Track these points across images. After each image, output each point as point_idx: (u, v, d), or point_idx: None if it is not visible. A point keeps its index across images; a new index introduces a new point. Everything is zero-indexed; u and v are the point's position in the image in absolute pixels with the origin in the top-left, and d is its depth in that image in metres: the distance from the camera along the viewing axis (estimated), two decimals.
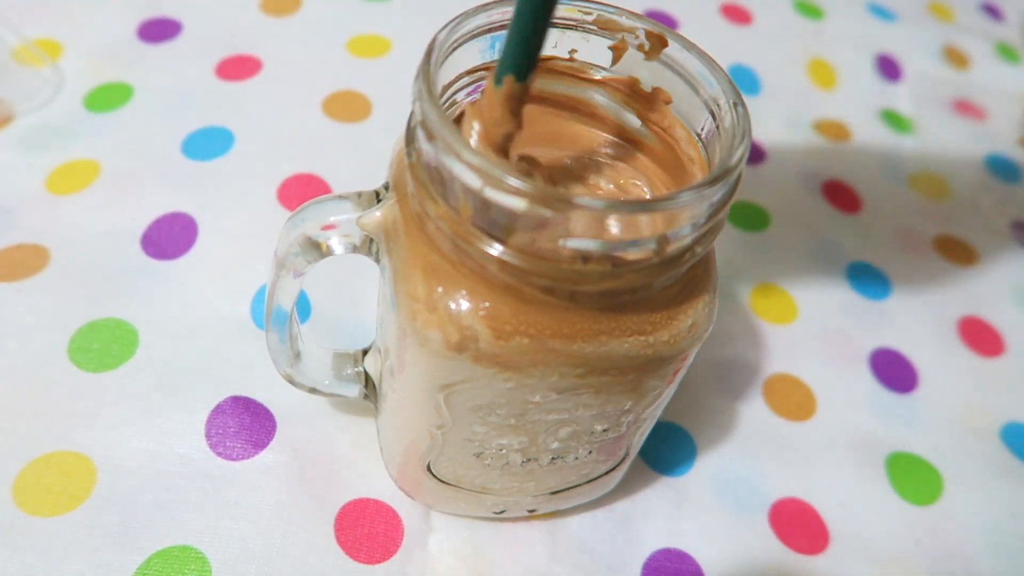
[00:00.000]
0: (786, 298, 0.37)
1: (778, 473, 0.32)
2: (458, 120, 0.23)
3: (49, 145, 0.36)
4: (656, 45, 0.22)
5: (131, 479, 0.27)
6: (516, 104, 0.20)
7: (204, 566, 0.26)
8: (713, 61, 0.21)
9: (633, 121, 0.24)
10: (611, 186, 0.23)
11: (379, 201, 0.22)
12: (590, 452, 0.25)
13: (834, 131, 0.46)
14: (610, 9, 0.22)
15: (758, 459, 0.32)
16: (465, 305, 0.20)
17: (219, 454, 0.28)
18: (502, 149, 0.20)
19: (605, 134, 0.24)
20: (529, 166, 0.22)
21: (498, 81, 0.19)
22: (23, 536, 0.26)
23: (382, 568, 0.27)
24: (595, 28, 0.23)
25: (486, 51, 0.22)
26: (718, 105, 0.21)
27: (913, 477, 0.33)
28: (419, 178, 0.20)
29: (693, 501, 0.30)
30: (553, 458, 0.25)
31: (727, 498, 0.31)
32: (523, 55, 0.19)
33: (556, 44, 0.23)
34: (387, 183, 0.22)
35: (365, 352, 0.28)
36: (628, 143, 0.24)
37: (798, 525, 0.30)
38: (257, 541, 0.26)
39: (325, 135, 0.39)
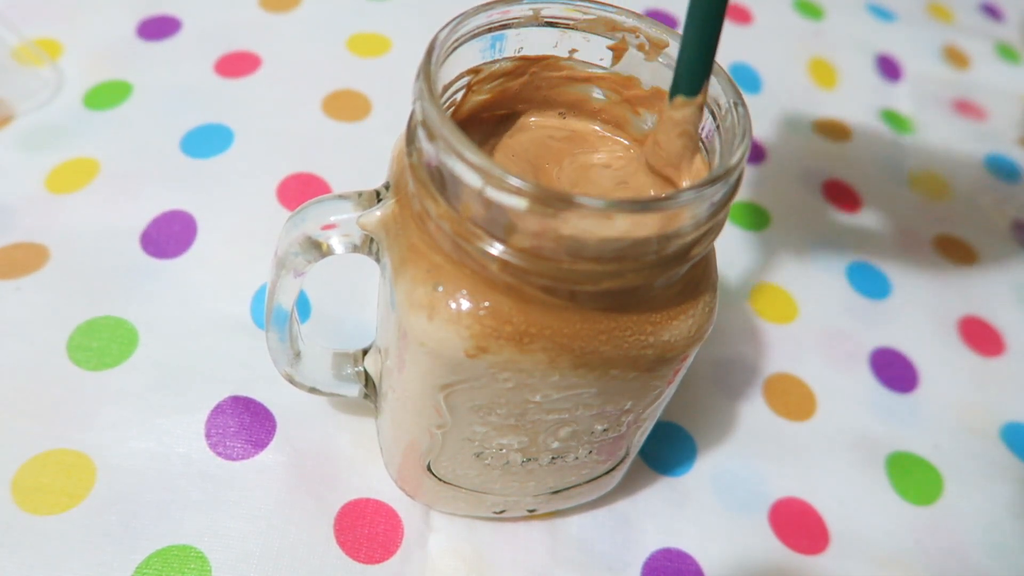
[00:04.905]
0: (786, 298, 0.37)
1: (778, 473, 0.32)
2: (459, 119, 0.23)
3: (49, 144, 0.36)
4: (656, 45, 0.22)
5: (131, 478, 0.27)
6: (690, 126, 0.21)
7: (204, 566, 0.26)
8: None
9: (633, 121, 0.24)
10: (612, 186, 0.23)
11: (379, 201, 0.22)
12: (590, 452, 0.25)
13: (834, 131, 0.46)
14: (610, 9, 0.22)
15: (758, 459, 0.32)
16: (465, 305, 0.20)
17: (219, 454, 0.28)
18: (682, 170, 0.21)
19: (605, 134, 0.24)
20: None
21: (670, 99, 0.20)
22: (22, 535, 0.26)
23: (382, 568, 0.27)
24: (595, 28, 0.23)
25: (486, 51, 0.22)
26: (718, 105, 0.21)
27: (913, 477, 0.33)
28: (420, 178, 0.20)
29: (693, 501, 0.30)
30: (553, 458, 0.25)
31: (727, 498, 0.31)
32: (694, 70, 0.20)
33: (556, 44, 0.23)
34: (387, 183, 0.22)
35: (365, 352, 0.28)
36: (629, 143, 0.24)
37: (798, 525, 0.30)
38: (257, 541, 0.26)
39: (325, 134, 0.39)
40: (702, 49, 0.19)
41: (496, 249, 0.18)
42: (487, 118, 0.24)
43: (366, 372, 0.28)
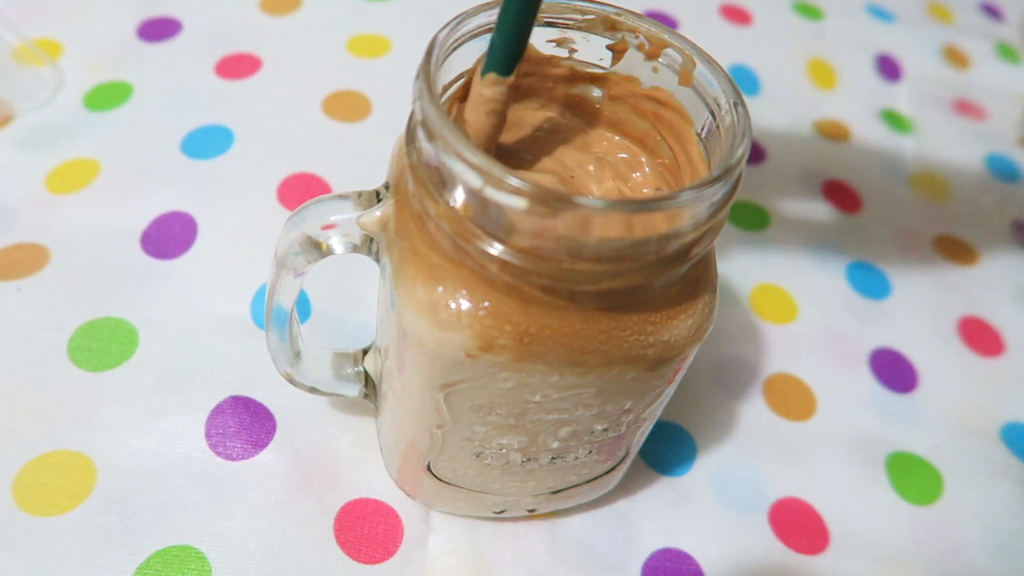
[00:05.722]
0: (786, 298, 0.37)
1: (778, 473, 0.32)
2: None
3: (49, 145, 0.36)
4: (656, 45, 0.22)
5: (131, 479, 0.27)
6: (499, 104, 0.20)
7: (204, 566, 0.26)
8: (713, 61, 0.21)
9: (633, 121, 0.24)
10: (612, 186, 0.23)
11: (379, 201, 0.22)
12: (590, 452, 0.25)
13: (834, 131, 0.46)
14: (610, 9, 0.22)
15: (758, 459, 0.32)
16: (465, 305, 0.20)
17: (219, 454, 0.28)
18: (488, 149, 0.21)
19: (605, 134, 0.24)
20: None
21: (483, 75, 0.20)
22: (22, 535, 0.26)
23: (382, 568, 0.27)
24: (595, 28, 0.23)
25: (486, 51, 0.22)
26: (718, 105, 0.21)
27: (913, 477, 0.33)
28: (419, 177, 0.20)
29: (693, 501, 0.30)
30: (553, 458, 0.25)
31: (727, 498, 0.31)
32: (508, 49, 0.20)
33: (557, 44, 0.23)
34: (387, 183, 0.22)
35: (365, 352, 0.28)
36: (628, 142, 0.24)
37: (798, 525, 0.30)
38: (257, 541, 0.26)
39: (325, 135, 0.39)
40: (518, 28, 0.20)
41: (496, 249, 0.18)
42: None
43: (366, 372, 0.28)
